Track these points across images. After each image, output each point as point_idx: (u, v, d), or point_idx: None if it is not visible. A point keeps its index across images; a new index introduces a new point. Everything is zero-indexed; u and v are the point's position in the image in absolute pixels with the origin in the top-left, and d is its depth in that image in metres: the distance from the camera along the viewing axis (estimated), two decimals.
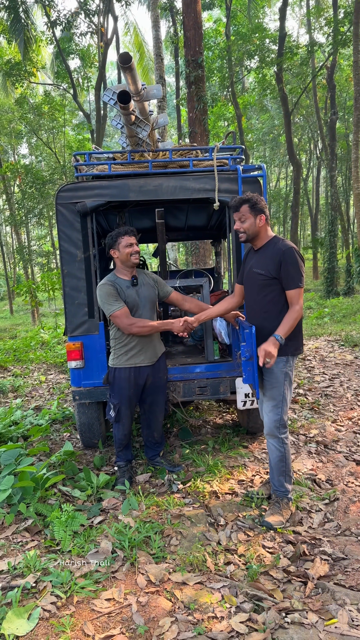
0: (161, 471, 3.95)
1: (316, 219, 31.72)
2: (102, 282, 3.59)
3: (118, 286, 3.57)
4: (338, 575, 2.69)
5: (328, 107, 22.55)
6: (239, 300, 3.61)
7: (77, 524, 3.08)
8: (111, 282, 3.58)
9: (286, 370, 3.21)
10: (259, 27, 17.66)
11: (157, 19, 11.66)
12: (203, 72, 9.54)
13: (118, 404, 3.71)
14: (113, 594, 2.52)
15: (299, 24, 32.48)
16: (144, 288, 3.71)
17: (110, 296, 3.52)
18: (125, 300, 3.57)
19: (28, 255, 26.11)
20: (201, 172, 4.09)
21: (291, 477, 3.36)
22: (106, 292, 3.53)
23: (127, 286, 3.62)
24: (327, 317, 13.16)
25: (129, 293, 3.60)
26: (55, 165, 22.47)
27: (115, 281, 3.60)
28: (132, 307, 3.61)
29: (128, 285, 3.63)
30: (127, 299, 3.58)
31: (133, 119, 3.62)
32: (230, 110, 21.75)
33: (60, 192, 4.00)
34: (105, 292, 3.53)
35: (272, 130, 29.44)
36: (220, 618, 2.35)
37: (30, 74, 18.69)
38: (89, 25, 17.85)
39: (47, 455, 4.42)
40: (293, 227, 20.53)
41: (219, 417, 5.46)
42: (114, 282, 3.59)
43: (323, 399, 5.84)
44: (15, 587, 2.52)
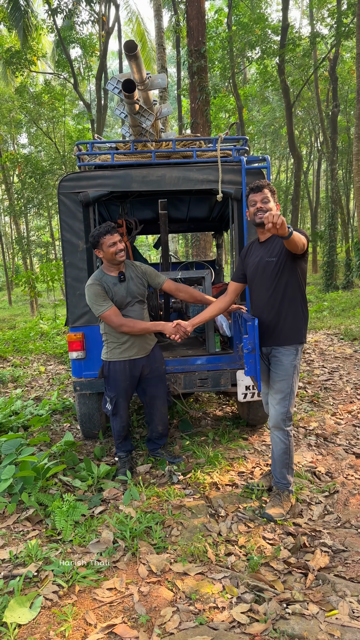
0: (161, 462, 3.95)
1: (316, 212, 31.64)
2: (89, 282, 3.53)
3: (105, 284, 3.53)
4: (338, 567, 2.71)
5: (330, 100, 22.46)
6: (232, 298, 3.56)
7: (78, 513, 3.09)
8: (98, 280, 3.53)
9: (295, 363, 3.21)
10: (261, 18, 17.50)
11: (159, 8, 11.55)
12: (206, 63, 9.46)
13: (115, 396, 3.70)
14: (115, 583, 2.53)
15: (302, 15, 32.21)
16: (132, 282, 3.66)
17: (98, 297, 3.48)
18: (113, 297, 3.54)
19: (27, 246, 26.03)
20: (205, 162, 4.06)
21: (293, 470, 3.37)
22: (94, 293, 3.48)
23: (114, 283, 3.57)
24: (327, 311, 13.16)
25: (116, 290, 3.56)
26: (55, 155, 22.35)
27: (103, 279, 3.55)
28: (121, 303, 3.58)
29: (115, 282, 3.58)
30: (115, 296, 3.55)
31: (137, 108, 3.59)
32: (232, 102, 21.60)
33: (62, 182, 3.97)
34: (92, 292, 3.49)
35: (273, 123, 29.27)
36: (221, 608, 2.36)
37: (30, 63, 18.52)
38: (90, 14, 17.68)
39: (48, 446, 4.42)
40: (293, 220, 20.46)
41: (219, 409, 5.46)
42: (101, 280, 3.54)
43: (322, 392, 5.85)
44: (17, 576, 2.53)
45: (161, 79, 3.46)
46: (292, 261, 3.14)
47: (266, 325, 3.24)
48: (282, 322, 3.20)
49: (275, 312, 3.21)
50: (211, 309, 3.59)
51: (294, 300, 3.20)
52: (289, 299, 3.19)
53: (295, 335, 3.19)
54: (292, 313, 3.19)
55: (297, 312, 3.20)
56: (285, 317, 3.20)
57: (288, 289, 3.19)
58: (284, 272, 3.17)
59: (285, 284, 3.19)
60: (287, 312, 3.19)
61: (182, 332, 3.57)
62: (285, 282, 3.18)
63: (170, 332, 3.59)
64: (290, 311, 3.19)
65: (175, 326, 3.56)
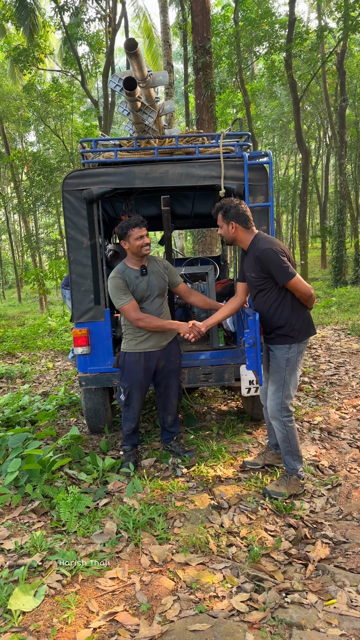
0: (166, 455, 4.00)
1: (325, 207, 31.48)
2: (112, 275, 3.63)
3: (127, 277, 3.61)
4: (338, 558, 2.74)
5: (338, 94, 22.28)
6: (242, 298, 3.66)
7: (82, 505, 3.15)
8: (120, 274, 3.62)
9: (288, 357, 3.30)
10: (268, 12, 17.41)
11: (164, 4, 11.54)
12: (211, 59, 9.45)
13: (128, 387, 3.77)
14: (117, 573, 2.58)
15: (309, 9, 31.99)
16: (154, 276, 3.73)
17: (119, 290, 3.57)
18: (134, 290, 3.61)
19: (36, 243, 26.15)
20: (207, 159, 4.09)
21: (300, 457, 3.46)
22: (115, 286, 3.58)
23: (136, 276, 3.65)
24: (335, 306, 13.12)
25: (138, 283, 3.64)
26: (62, 152, 22.41)
27: (125, 272, 3.64)
28: (142, 296, 3.66)
29: (137, 275, 3.66)
30: (136, 289, 3.62)
31: (139, 106, 3.62)
32: (239, 97, 21.53)
33: (66, 179, 4.02)
34: (114, 285, 3.59)
35: (281, 117, 29.12)
36: (221, 597, 2.40)
37: (38, 61, 18.56)
38: (97, 11, 17.69)
39: (54, 439, 4.49)
40: (301, 215, 20.39)
41: (224, 404, 5.50)
42: (123, 273, 3.62)
43: (328, 387, 5.86)
44: (22, 566, 2.58)
45: (162, 76, 3.49)
46: (272, 278, 3.26)
47: (262, 326, 3.37)
48: (272, 328, 3.34)
49: (264, 318, 3.34)
50: (224, 310, 3.68)
51: (280, 309, 3.30)
52: (275, 309, 3.30)
53: (285, 339, 3.30)
54: (281, 321, 3.30)
55: (285, 319, 3.29)
56: (274, 325, 3.33)
57: (271, 300, 3.30)
58: (264, 286, 3.29)
59: (268, 297, 3.31)
60: (275, 321, 3.31)
61: (196, 332, 3.66)
62: (268, 295, 3.31)
63: (185, 332, 3.67)
64: (278, 320, 3.30)
65: (191, 326, 3.65)
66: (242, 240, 3.36)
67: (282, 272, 3.15)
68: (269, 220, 4.14)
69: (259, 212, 4.09)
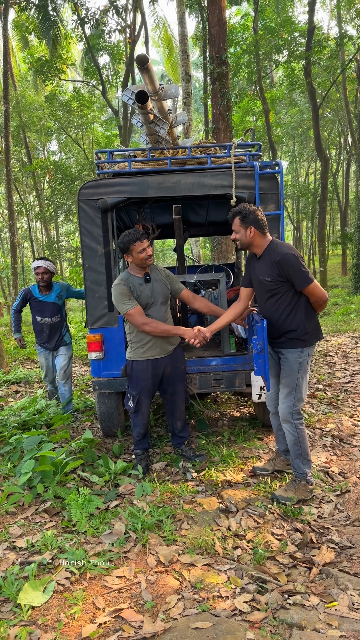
0: (176, 460, 4.07)
1: (345, 214, 31.25)
2: (116, 282, 3.71)
3: (131, 284, 3.70)
4: (343, 562, 2.77)
5: (358, 101, 22.22)
6: (245, 303, 3.74)
7: (93, 506, 3.23)
8: (124, 280, 3.70)
9: (300, 360, 3.36)
10: (288, 21, 17.50)
11: (182, 15, 11.70)
12: (227, 69, 9.56)
13: (137, 394, 3.84)
14: (124, 572, 2.65)
15: (330, 16, 31.96)
16: (157, 284, 3.82)
17: (124, 296, 3.64)
18: (139, 296, 3.69)
19: (57, 251, 26.49)
20: (219, 168, 4.17)
21: (309, 462, 3.50)
22: (120, 292, 3.66)
23: (140, 283, 3.74)
24: (354, 314, 13.03)
25: (141, 289, 3.72)
26: (83, 161, 22.74)
27: (129, 279, 3.72)
28: (146, 303, 3.74)
29: (141, 282, 3.74)
30: (140, 295, 3.70)
31: (152, 118, 3.72)
32: (258, 105, 21.60)
33: (82, 189, 4.14)
34: (118, 292, 3.66)
35: (301, 125, 29.09)
36: (224, 597, 2.45)
37: (60, 71, 18.93)
38: (117, 23, 17.99)
39: (68, 442, 4.59)
40: (320, 223, 20.31)
41: (236, 410, 5.54)
42: (127, 280, 3.71)
43: (342, 395, 5.85)
44: (32, 563, 2.68)
45: (174, 89, 3.59)
46: (287, 282, 3.31)
47: (270, 331, 3.41)
48: (283, 332, 3.40)
49: (275, 323, 3.39)
50: (227, 315, 3.76)
51: (293, 313, 3.36)
52: (287, 313, 3.36)
53: (297, 342, 3.36)
54: (294, 324, 3.35)
55: (298, 322, 3.35)
56: (285, 329, 3.38)
57: (285, 304, 3.36)
58: (279, 290, 3.35)
59: (282, 300, 3.36)
60: (287, 325, 3.37)
61: (201, 338, 3.73)
62: (282, 299, 3.36)
63: (191, 337, 3.75)
64: (290, 323, 3.36)
65: (197, 332, 3.72)
66: (258, 245, 3.43)
67: (302, 277, 3.22)
68: (280, 228, 4.20)
69: (270, 221, 4.14)
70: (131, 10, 17.38)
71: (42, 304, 5.44)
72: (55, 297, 5.46)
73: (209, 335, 3.73)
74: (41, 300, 5.43)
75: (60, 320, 5.54)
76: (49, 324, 5.47)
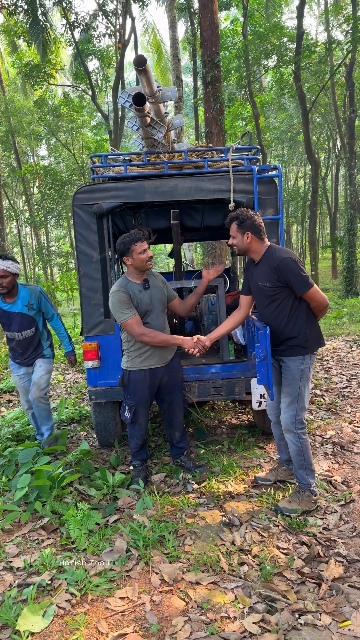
0: (176, 471, 3.96)
1: (335, 218, 31.41)
2: (114, 289, 3.57)
3: (130, 291, 3.57)
4: (353, 577, 2.68)
5: (347, 105, 22.31)
6: (246, 311, 3.64)
7: (92, 522, 3.12)
8: (123, 288, 3.56)
9: (302, 368, 3.28)
10: (277, 26, 17.56)
11: (173, 20, 11.67)
12: (219, 73, 9.53)
13: (134, 405, 3.73)
14: (127, 592, 2.54)
15: (317, 22, 32.19)
16: (155, 290, 3.72)
17: (123, 304, 3.51)
18: (138, 304, 3.58)
19: (47, 256, 26.36)
20: (216, 172, 4.09)
21: (313, 472, 3.41)
22: (119, 300, 3.52)
23: (139, 290, 3.62)
24: (346, 317, 13.03)
25: (141, 297, 3.60)
26: (73, 166, 22.65)
27: (127, 286, 3.59)
28: (145, 311, 3.62)
29: (140, 289, 3.62)
30: (140, 303, 3.59)
31: (148, 121, 3.64)
32: (248, 110, 21.65)
33: (77, 194, 4.04)
34: (118, 299, 3.52)
35: (290, 129, 29.23)
36: (233, 618, 2.35)
37: (49, 76, 18.85)
38: (107, 27, 17.94)
39: (64, 454, 4.47)
40: (311, 226, 20.36)
41: (235, 418, 5.45)
42: (126, 287, 3.57)
43: (340, 400, 5.79)
44: (30, 584, 2.56)
45: (172, 91, 3.51)
46: (286, 288, 3.24)
47: (271, 338, 3.33)
48: (283, 339, 3.32)
49: (275, 330, 3.31)
50: (227, 323, 3.66)
51: (293, 319, 3.28)
52: (288, 319, 3.28)
53: (298, 350, 3.28)
54: (295, 331, 3.28)
55: (299, 329, 3.28)
56: (286, 336, 3.30)
57: (285, 310, 3.28)
58: (278, 296, 3.27)
59: (282, 307, 3.28)
60: (288, 332, 3.29)
61: (200, 347, 3.62)
62: (282, 305, 3.28)
63: (190, 347, 3.64)
64: (291, 330, 3.28)
65: (196, 341, 3.62)
66: (255, 251, 3.35)
67: (301, 282, 3.15)
68: (279, 232, 4.13)
69: (269, 225, 4.08)
70: (120, 14, 17.34)
71: (7, 315, 4.37)
72: (22, 307, 4.37)
73: (208, 344, 3.64)
74: (5, 310, 4.37)
75: (34, 334, 4.49)
76: (19, 339, 4.44)
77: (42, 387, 4.45)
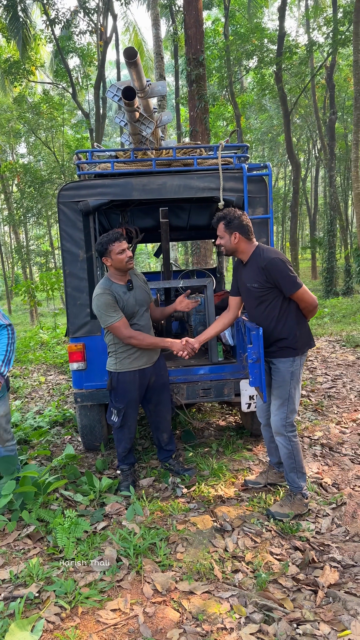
0: (165, 475, 3.87)
1: (315, 219, 31.68)
2: (99, 292, 3.44)
3: (115, 293, 3.45)
4: (349, 583, 2.62)
5: (327, 107, 22.51)
6: (235, 312, 3.57)
7: (80, 530, 3.00)
8: (108, 290, 3.44)
9: (292, 369, 3.23)
10: (258, 27, 17.60)
11: (157, 17, 11.58)
12: (204, 71, 9.46)
13: (124, 408, 3.61)
14: (119, 604, 2.45)
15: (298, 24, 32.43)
16: (139, 290, 3.62)
17: (109, 307, 3.40)
18: (124, 306, 3.47)
19: (26, 255, 26.02)
20: (206, 170, 4.02)
21: (304, 474, 3.36)
22: (105, 303, 3.40)
23: (124, 292, 3.51)
24: (327, 317, 13.09)
25: (126, 298, 3.50)
26: (54, 164, 22.38)
27: (112, 287, 3.47)
28: (131, 313, 3.52)
29: (125, 291, 3.51)
30: (126, 305, 3.48)
31: (137, 116, 3.54)
32: (229, 110, 21.67)
33: (62, 191, 3.92)
34: (103, 302, 3.40)
35: (271, 130, 29.38)
36: (229, 629, 2.28)
37: (29, 73, 18.57)
38: (88, 24, 17.75)
39: (48, 459, 4.34)
40: (292, 227, 20.47)
41: (222, 419, 5.39)
42: (110, 288, 3.45)
43: (326, 400, 5.77)
44: (17, 598, 2.44)
45: (161, 86, 3.42)
46: (275, 289, 3.19)
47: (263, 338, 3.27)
48: (273, 341, 3.25)
49: (265, 331, 3.23)
50: (216, 325, 3.59)
51: (283, 320, 3.22)
52: (277, 320, 3.22)
53: (288, 351, 3.22)
54: (285, 332, 3.22)
55: (289, 330, 3.22)
56: (276, 338, 3.24)
57: (275, 311, 3.22)
58: (267, 297, 3.21)
59: (271, 307, 3.22)
60: (278, 333, 3.23)
61: (189, 349, 3.54)
62: (271, 306, 3.22)
63: (179, 350, 3.55)
64: (281, 331, 3.22)
65: (185, 344, 3.53)
66: (243, 251, 3.29)
67: (290, 282, 3.09)
68: (269, 232, 4.07)
69: (259, 224, 4.02)
70: (102, 12, 17.17)
71: None
72: None
73: (197, 346, 3.56)
74: None
75: None
76: None
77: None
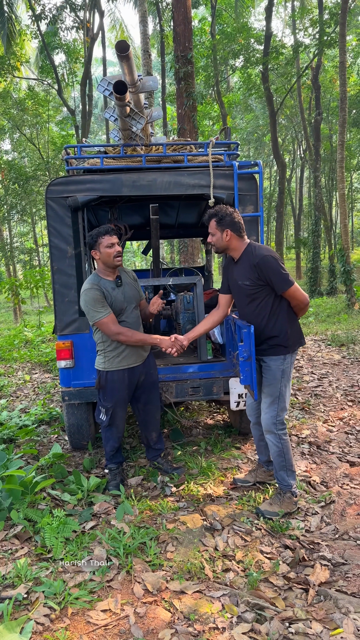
0: (153, 474, 3.84)
1: (299, 219, 31.84)
2: (87, 287, 3.39)
3: (104, 289, 3.40)
4: (339, 581, 2.62)
5: (312, 108, 22.63)
6: (225, 310, 3.54)
7: (68, 530, 2.96)
8: (97, 285, 3.39)
9: (283, 367, 3.22)
10: (245, 27, 17.60)
11: (144, 14, 11.52)
12: (193, 68, 9.44)
13: (112, 407, 3.57)
14: (109, 604, 2.41)
15: (284, 25, 32.58)
16: (128, 287, 3.58)
17: (97, 302, 3.34)
18: (112, 302, 3.42)
19: (10, 252, 25.73)
20: (196, 167, 3.99)
21: (294, 473, 3.36)
22: (93, 298, 3.34)
23: (112, 287, 3.46)
24: (312, 317, 13.18)
25: (115, 294, 3.45)
26: (38, 161, 22.18)
27: (100, 283, 3.42)
28: (119, 309, 3.47)
29: (113, 287, 3.46)
30: (114, 301, 3.43)
31: (128, 111, 3.50)
32: (216, 109, 21.68)
33: (50, 186, 3.87)
34: (91, 297, 3.34)
35: (257, 130, 29.46)
36: (221, 629, 2.26)
37: (14, 68, 18.36)
38: (74, 20, 17.60)
39: (35, 458, 4.28)
40: (278, 227, 20.53)
41: (210, 418, 5.37)
42: (99, 284, 3.40)
43: (313, 399, 5.80)
44: (6, 599, 2.39)
45: (152, 81, 3.39)
46: (266, 286, 3.18)
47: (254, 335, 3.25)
48: (264, 339, 3.24)
49: (256, 329, 3.22)
50: (205, 322, 3.57)
51: (274, 318, 3.21)
52: (268, 318, 3.21)
53: (279, 349, 3.22)
54: (276, 330, 3.21)
55: (280, 328, 3.21)
56: (267, 336, 3.23)
57: (266, 309, 3.21)
58: (259, 294, 3.20)
59: (262, 305, 3.21)
60: (269, 331, 3.22)
61: (178, 347, 3.52)
62: (262, 303, 3.21)
63: (167, 347, 3.52)
64: (272, 329, 3.22)
65: (174, 341, 3.51)
66: (235, 249, 3.27)
67: (282, 280, 3.08)
68: (259, 230, 4.06)
69: (249, 222, 4.00)
70: (88, 8, 17.03)
71: None
72: None
73: (186, 343, 3.53)
74: None
75: None
76: None
77: None
